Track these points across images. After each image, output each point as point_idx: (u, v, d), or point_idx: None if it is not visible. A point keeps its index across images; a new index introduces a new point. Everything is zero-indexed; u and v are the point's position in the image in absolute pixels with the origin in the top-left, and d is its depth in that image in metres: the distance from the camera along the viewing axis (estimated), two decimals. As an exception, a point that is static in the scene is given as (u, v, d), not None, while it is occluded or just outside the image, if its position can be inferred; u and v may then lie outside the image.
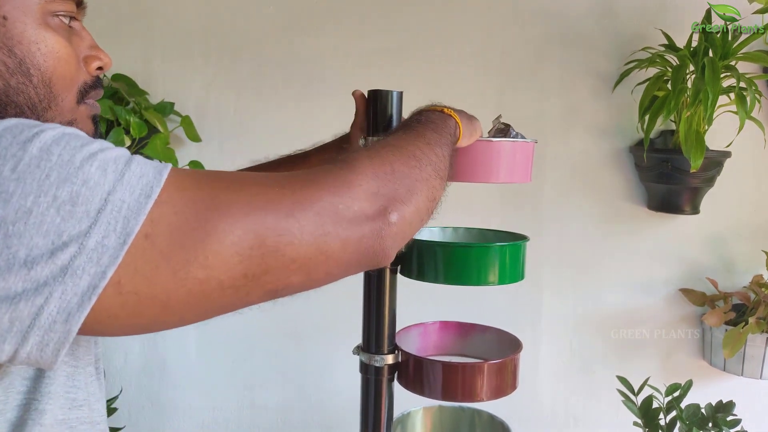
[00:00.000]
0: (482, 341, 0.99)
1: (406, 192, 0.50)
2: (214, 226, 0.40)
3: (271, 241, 0.42)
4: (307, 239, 0.43)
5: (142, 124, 1.31)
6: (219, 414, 1.58)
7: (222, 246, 0.40)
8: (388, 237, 0.48)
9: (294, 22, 1.48)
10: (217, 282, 0.40)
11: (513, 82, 1.50)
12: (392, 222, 0.48)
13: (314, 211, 0.44)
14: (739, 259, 1.55)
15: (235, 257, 0.40)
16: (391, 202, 0.48)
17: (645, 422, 1.28)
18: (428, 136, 0.59)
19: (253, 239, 0.41)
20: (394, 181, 0.50)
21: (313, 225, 0.43)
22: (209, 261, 0.39)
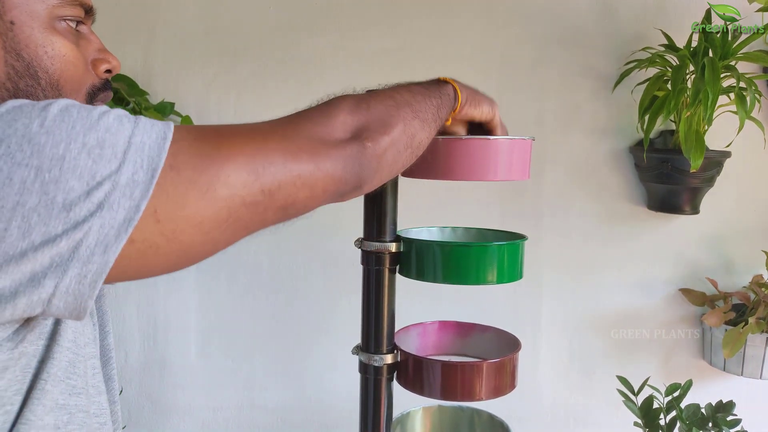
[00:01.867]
0: (481, 341, 0.99)
1: (380, 124, 0.58)
2: (228, 150, 0.45)
3: (278, 159, 0.48)
4: (305, 157, 0.49)
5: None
6: (219, 414, 1.58)
7: (237, 165, 0.45)
8: (365, 160, 0.55)
9: (294, 22, 1.48)
10: (240, 198, 0.45)
11: (513, 82, 1.50)
12: (367, 147, 0.55)
13: (305, 135, 0.51)
14: (739, 259, 1.54)
15: (252, 174, 0.45)
16: (365, 132, 0.56)
17: (645, 422, 1.28)
18: (413, 88, 0.65)
19: (263, 158, 0.47)
20: (368, 115, 0.57)
21: (307, 146, 0.50)
22: (230, 179, 0.44)
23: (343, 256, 1.08)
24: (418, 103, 0.63)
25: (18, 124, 0.37)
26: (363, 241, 0.86)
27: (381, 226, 0.85)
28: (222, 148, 0.45)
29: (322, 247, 1.51)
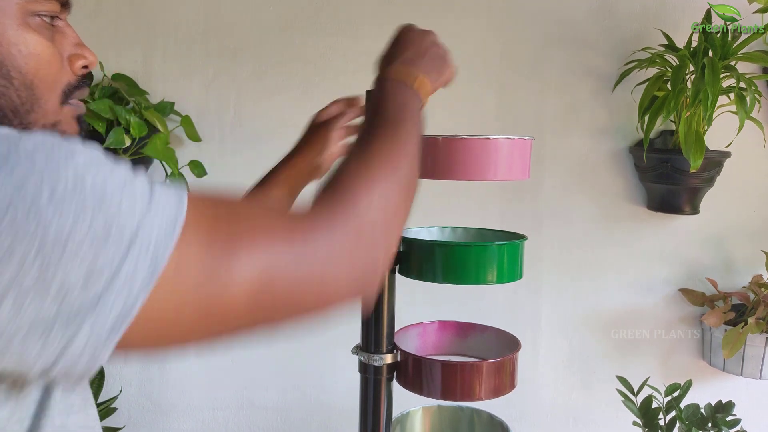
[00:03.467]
0: (481, 341, 0.99)
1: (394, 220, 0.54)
2: (237, 259, 0.40)
3: (286, 273, 0.43)
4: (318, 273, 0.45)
5: (142, 124, 1.31)
6: (219, 414, 1.58)
7: (243, 278, 0.40)
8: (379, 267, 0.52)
9: (294, 22, 1.48)
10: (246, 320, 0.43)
11: (513, 82, 1.50)
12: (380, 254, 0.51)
13: (322, 246, 0.45)
14: (738, 259, 1.55)
15: (256, 285, 0.41)
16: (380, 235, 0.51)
17: (645, 422, 1.28)
18: (411, 141, 0.61)
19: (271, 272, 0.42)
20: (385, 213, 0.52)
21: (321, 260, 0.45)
22: (233, 291, 0.40)
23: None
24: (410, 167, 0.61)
25: (29, 187, 0.34)
26: (363, 241, 0.86)
27: (381, 226, 0.85)
28: (234, 252, 0.40)
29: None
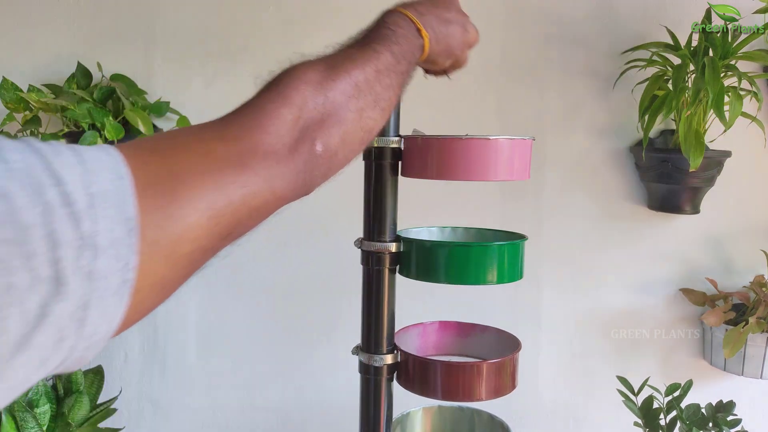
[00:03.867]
0: (481, 341, 0.99)
1: (335, 121, 0.50)
2: (188, 195, 0.38)
3: (236, 196, 0.41)
4: (261, 184, 0.43)
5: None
6: (219, 414, 1.58)
7: (199, 215, 0.39)
8: (315, 166, 0.49)
9: (294, 22, 1.48)
10: (201, 249, 0.40)
11: (513, 82, 1.50)
12: (317, 151, 0.48)
13: (261, 152, 0.44)
14: (739, 259, 1.54)
15: (212, 220, 0.40)
16: (316, 130, 0.49)
17: (645, 422, 1.28)
18: (382, 59, 0.56)
19: (223, 199, 0.40)
20: (323, 108, 0.49)
21: (263, 169, 0.44)
22: (193, 233, 0.38)
23: (343, 256, 1.08)
24: (384, 87, 0.55)
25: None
26: (363, 241, 0.86)
27: (381, 226, 0.85)
28: (180, 194, 0.38)
29: (322, 247, 1.51)
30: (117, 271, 0.34)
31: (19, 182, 0.30)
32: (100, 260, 0.32)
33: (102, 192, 0.33)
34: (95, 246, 0.32)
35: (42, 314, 0.31)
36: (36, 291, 0.30)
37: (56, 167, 0.32)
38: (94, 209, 0.32)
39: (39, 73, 1.45)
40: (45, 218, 0.30)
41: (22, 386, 0.32)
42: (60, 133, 1.33)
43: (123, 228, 0.34)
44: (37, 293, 0.30)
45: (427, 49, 0.62)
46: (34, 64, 1.46)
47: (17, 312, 0.30)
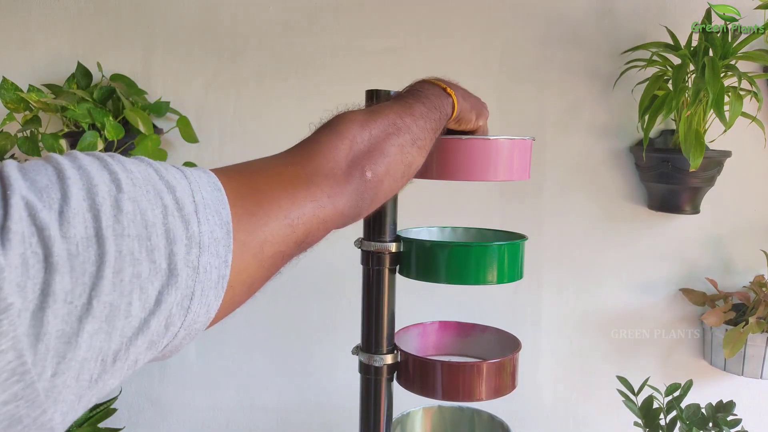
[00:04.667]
0: (481, 341, 0.99)
1: (380, 154, 0.59)
2: (268, 206, 0.45)
3: (308, 208, 0.49)
4: (325, 200, 0.51)
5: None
6: (219, 414, 1.58)
7: (278, 222, 0.46)
8: (365, 191, 0.57)
9: (294, 22, 1.48)
10: (281, 253, 0.47)
11: (513, 82, 1.50)
12: (367, 178, 0.57)
13: (322, 174, 0.52)
14: (739, 259, 1.54)
15: (289, 228, 0.47)
16: (365, 161, 0.57)
17: (645, 422, 1.28)
18: (415, 108, 0.66)
19: (296, 210, 0.48)
20: (370, 143, 0.58)
21: (326, 187, 0.52)
22: (274, 238, 0.45)
23: (343, 256, 1.08)
24: (419, 129, 0.64)
25: (100, 192, 0.34)
26: (363, 241, 0.86)
27: (381, 226, 0.85)
28: (263, 205, 0.45)
29: (322, 247, 1.50)
30: (216, 267, 0.39)
31: (143, 189, 0.36)
32: (203, 257, 0.38)
33: (203, 200, 0.40)
34: (200, 244, 0.38)
35: (158, 301, 0.35)
36: (155, 280, 0.35)
37: (168, 178, 0.39)
38: (198, 214, 0.39)
39: (39, 73, 1.45)
40: (164, 218, 0.36)
41: (133, 367, 0.36)
42: (60, 133, 1.33)
43: (221, 230, 0.40)
44: (156, 282, 0.35)
45: (456, 104, 0.72)
46: (34, 64, 1.46)
47: (139, 298, 0.34)
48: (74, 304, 0.31)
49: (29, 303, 0.30)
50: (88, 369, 0.33)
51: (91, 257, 0.32)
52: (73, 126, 1.36)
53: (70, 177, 0.34)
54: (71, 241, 0.32)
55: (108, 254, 0.33)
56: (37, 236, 0.31)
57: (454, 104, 0.72)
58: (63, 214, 0.32)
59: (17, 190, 0.32)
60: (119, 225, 0.34)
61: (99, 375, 0.34)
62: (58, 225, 0.32)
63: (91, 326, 0.32)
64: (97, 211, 0.33)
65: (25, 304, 0.29)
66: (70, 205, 0.33)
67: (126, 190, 0.35)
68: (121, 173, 0.36)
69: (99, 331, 0.33)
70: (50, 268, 0.30)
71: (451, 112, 0.72)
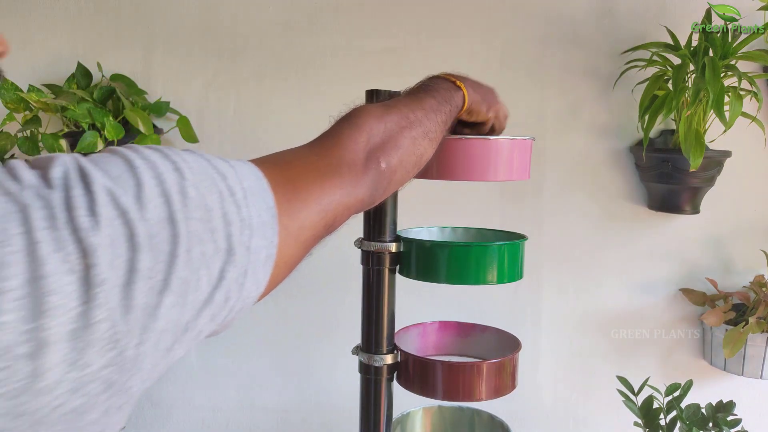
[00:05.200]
0: (481, 341, 0.99)
1: (393, 146, 0.63)
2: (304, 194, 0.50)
3: (336, 195, 0.53)
4: (348, 188, 0.55)
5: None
6: (219, 414, 1.58)
7: (312, 208, 0.50)
8: (379, 180, 0.61)
9: (294, 22, 1.48)
10: (314, 237, 0.51)
11: (513, 82, 1.50)
12: (381, 168, 0.60)
13: (345, 164, 0.56)
14: (739, 259, 1.54)
15: (320, 214, 0.51)
16: (380, 152, 0.61)
17: (645, 422, 1.28)
18: (426, 102, 0.69)
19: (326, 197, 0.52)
20: (384, 135, 0.62)
21: (348, 176, 0.56)
22: (309, 222, 0.49)
23: (343, 256, 1.08)
24: (430, 121, 0.68)
25: (168, 180, 0.38)
26: (363, 241, 0.86)
27: (381, 226, 0.85)
28: (299, 192, 0.49)
29: (322, 246, 1.50)
30: (264, 247, 0.43)
31: (201, 176, 0.40)
32: (254, 238, 0.42)
33: (250, 187, 0.43)
34: (251, 226, 0.42)
35: (220, 277, 0.39)
36: (217, 258, 0.39)
37: (218, 167, 0.42)
38: (247, 199, 0.42)
39: (39, 73, 1.45)
40: (221, 203, 0.40)
41: (197, 338, 0.41)
42: (60, 133, 1.33)
43: (268, 214, 0.44)
44: (218, 260, 0.39)
45: (466, 96, 0.75)
46: (34, 64, 1.46)
47: (206, 274, 0.38)
48: (155, 280, 0.35)
49: (119, 278, 0.33)
50: (164, 339, 0.37)
51: (167, 237, 0.36)
52: (73, 126, 1.36)
53: (139, 166, 0.37)
54: (150, 223, 0.35)
55: (180, 235, 0.37)
56: (121, 219, 0.34)
57: (464, 96, 0.74)
58: (140, 199, 0.36)
59: (96, 178, 0.35)
60: (187, 209, 0.37)
61: (172, 345, 0.38)
62: (137, 208, 0.35)
63: (169, 299, 0.36)
64: (167, 196, 0.37)
65: (116, 279, 0.33)
66: (144, 191, 0.36)
67: (188, 177, 0.39)
68: (181, 163, 0.39)
69: (175, 304, 0.36)
70: (134, 247, 0.34)
71: (462, 104, 0.74)
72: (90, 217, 0.33)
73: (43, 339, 0.30)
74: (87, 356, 0.32)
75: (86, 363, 0.32)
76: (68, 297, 0.31)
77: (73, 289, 0.31)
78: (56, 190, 0.34)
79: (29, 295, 0.30)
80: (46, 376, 0.30)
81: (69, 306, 0.31)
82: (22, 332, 0.30)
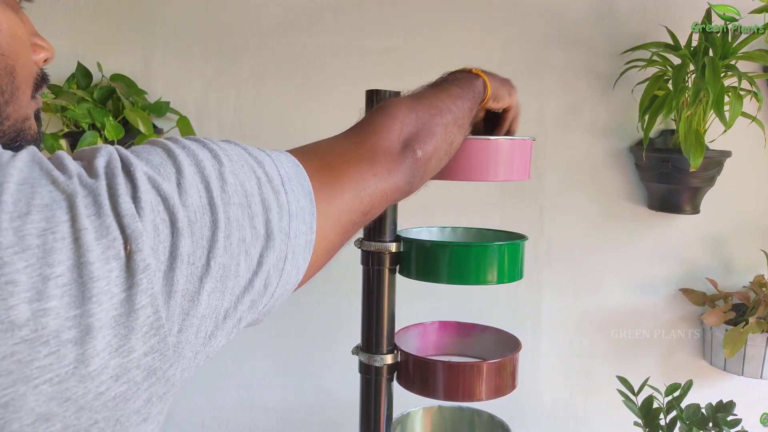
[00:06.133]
0: (481, 341, 0.99)
1: (427, 134, 0.63)
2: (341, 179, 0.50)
3: (371, 181, 0.53)
4: (385, 175, 0.55)
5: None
6: (219, 414, 1.58)
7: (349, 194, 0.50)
8: (416, 168, 0.61)
9: (294, 21, 1.48)
10: (352, 222, 0.51)
11: (513, 81, 1.50)
12: (418, 156, 0.61)
13: (381, 152, 0.56)
14: (739, 259, 1.54)
15: (356, 199, 0.51)
16: (415, 141, 0.61)
17: (645, 422, 1.28)
18: (451, 90, 0.71)
19: (363, 183, 0.52)
20: (418, 124, 0.63)
21: (385, 163, 0.56)
22: (348, 207, 0.49)
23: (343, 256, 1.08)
24: (458, 108, 0.69)
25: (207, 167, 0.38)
26: (363, 241, 0.86)
27: (381, 226, 0.85)
28: (338, 178, 0.49)
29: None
30: (303, 233, 0.43)
31: (239, 163, 0.40)
32: (293, 224, 0.42)
33: (287, 174, 0.43)
34: (290, 212, 0.42)
35: (260, 263, 0.39)
36: (256, 244, 0.39)
37: (255, 155, 0.42)
38: (285, 185, 0.42)
39: (39, 73, 1.45)
40: (259, 188, 0.40)
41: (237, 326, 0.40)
42: (60, 133, 1.33)
43: (306, 200, 0.44)
44: (257, 245, 0.39)
45: (488, 83, 0.77)
46: (34, 64, 1.45)
47: (245, 260, 0.38)
48: (195, 265, 0.35)
49: (161, 264, 0.34)
50: (205, 326, 0.37)
51: (207, 223, 0.36)
52: (73, 126, 1.36)
53: (178, 155, 0.38)
54: (190, 209, 0.36)
55: (219, 221, 0.37)
56: (163, 205, 0.35)
57: (485, 83, 0.76)
58: (180, 186, 0.36)
59: (137, 166, 0.35)
60: (226, 195, 0.38)
61: (212, 332, 0.37)
62: (178, 195, 0.36)
63: (210, 285, 0.36)
64: (207, 183, 0.37)
65: (158, 265, 0.33)
66: (185, 178, 0.36)
67: (226, 164, 0.39)
68: (219, 151, 0.40)
69: (215, 290, 0.36)
70: (176, 232, 0.34)
71: (484, 90, 0.76)
72: (132, 204, 0.34)
73: (88, 325, 0.31)
74: (130, 342, 0.32)
75: (130, 349, 0.32)
76: (112, 283, 0.32)
77: (117, 275, 0.32)
78: (100, 178, 0.34)
79: (75, 281, 0.31)
80: (92, 362, 0.31)
81: (113, 292, 0.32)
82: (68, 318, 0.30)
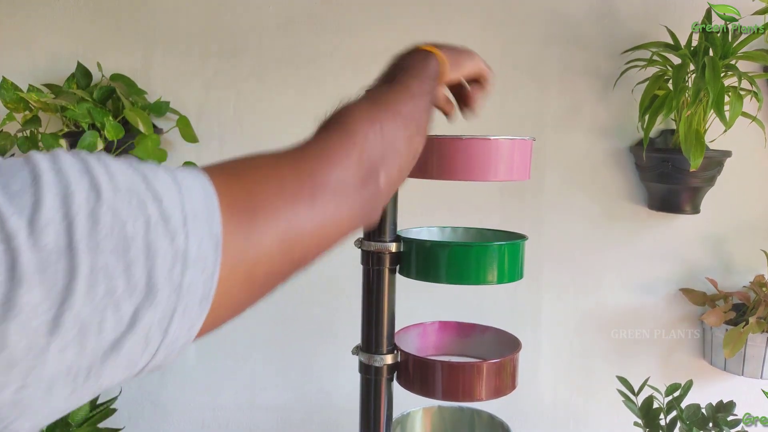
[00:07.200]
0: (481, 341, 0.99)
1: (393, 154, 0.54)
2: (263, 218, 0.41)
3: (308, 227, 0.44)
4: (329, 215, 0.46)
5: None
6: (219, 414, 1.58)
7: (271, 239, 0.41)
8: (379, 198, 0.52)
9: (294, 21, 1.48)
10: (273, 274, 0.43)
11: (513, 81, 1.50)
12: (381, 185, 0.52)
13: (331, 187, 0.47)
14: (739, 259, 1.54)
15: (284, 248, 0.42)
16: (381, 165, 0.52)
17: (645, 422, 1.28)
18: (412, 87, 0.61)
19: (295, 230, 0.43)
20: (382, 144, 0.53)
21: (331, 200, 0.46)
22: (269, 257, 0.41)
23: (343, 256, 1.08)
24: (419, 111, 0.60)
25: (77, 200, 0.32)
26: (363, 241, 0.86)
27: (381, 226, 0.85)
28: (259, 218, 0.40)
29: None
30: (201, 283, 0.36)
31: (126, 198, 0.33)
32: (188, 273, 0.35)
33: (193, 211, 0.36)
34: (186, 259, 0.35)
35: (134, 319, 0.33)
36: (131, 297, 0.33)
37: (156, 186, 0.35)
38: (186, 225, 0.35)
39: (39, 73, 1.45)
40: (146, 230, 0.33)
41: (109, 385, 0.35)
42: (60, 133, 1.33)
43: (210, 243, 0.36)
44: (133, 299, 0.33)
45: (441, 57, 0.68)
46: (34, 64, 1.46)
47: (113, 315, 0.32)
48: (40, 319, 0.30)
49: None
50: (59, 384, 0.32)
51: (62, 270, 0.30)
52: (73, 126, 1.36)
53: (46, 182, 0.31)
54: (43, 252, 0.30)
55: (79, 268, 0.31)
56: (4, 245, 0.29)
57: (437, 58, 0.68)
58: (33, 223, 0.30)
59: None
60: (94, 238, 0.31)
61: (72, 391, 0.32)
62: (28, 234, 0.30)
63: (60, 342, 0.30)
64: (70, 222, 0.31)
65: None
66: (41, 213, 0.30)
67: (105, 198, 0.32)
68: (103, 179, 0.33)
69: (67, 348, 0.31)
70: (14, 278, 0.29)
71: (438, 69, 0.68)
72: None
73: None
74: None
75: None
76: None
77: None
78: None
79: None
80: None
81: None
82: None
